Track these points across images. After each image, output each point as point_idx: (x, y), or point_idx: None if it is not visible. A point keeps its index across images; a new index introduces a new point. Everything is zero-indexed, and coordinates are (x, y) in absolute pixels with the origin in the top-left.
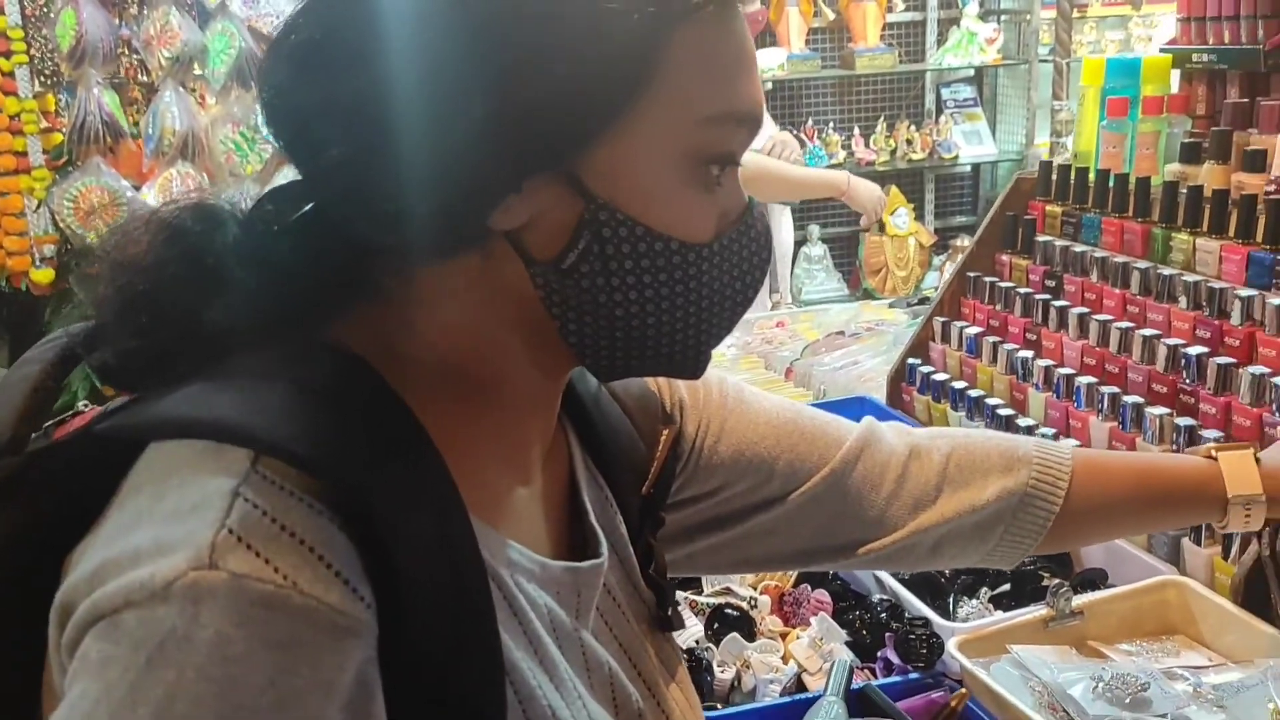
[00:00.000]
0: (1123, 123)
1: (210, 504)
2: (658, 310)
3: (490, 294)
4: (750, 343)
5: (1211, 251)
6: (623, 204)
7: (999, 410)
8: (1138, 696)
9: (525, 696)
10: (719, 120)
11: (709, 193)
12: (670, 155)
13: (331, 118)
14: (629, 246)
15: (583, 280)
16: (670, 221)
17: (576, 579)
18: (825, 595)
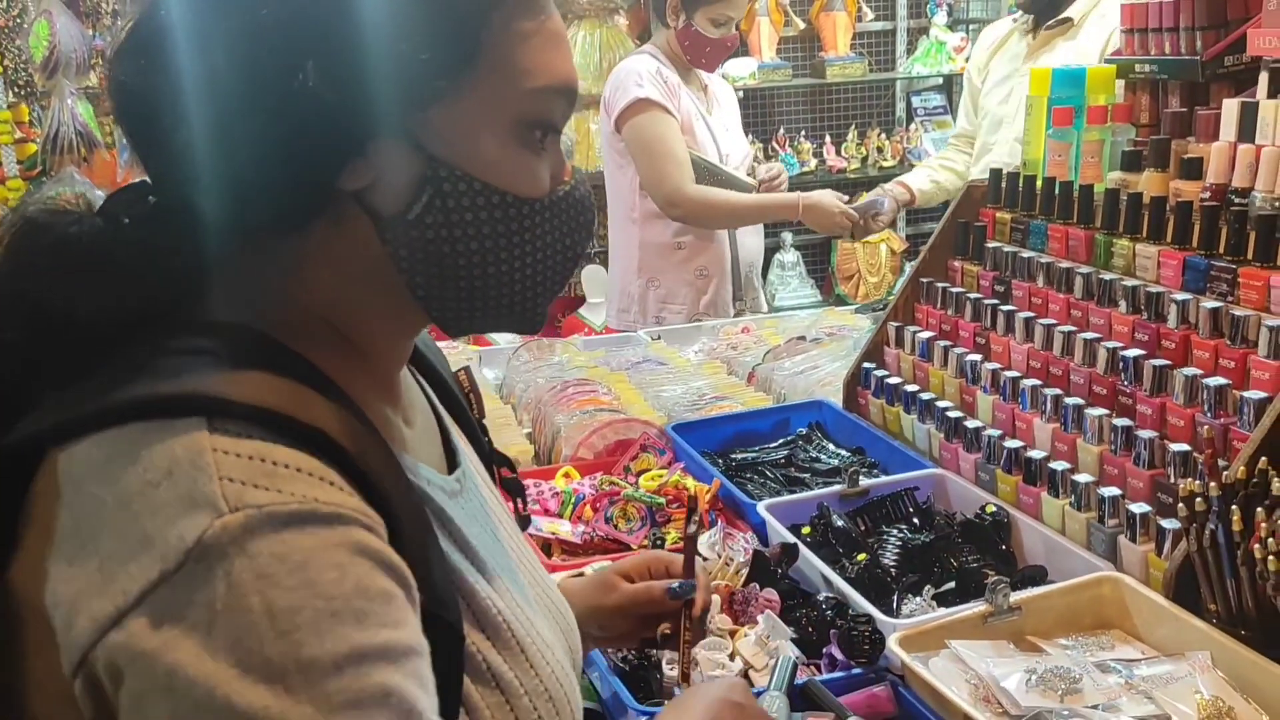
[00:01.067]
0: (1068, 132)
1: (190, 467)
2: (496, 260)
3: (347, 255)
4: (715, 348)
5: (1150, 257)
6: (460, 162)
7: (949, 413)
8: (1070, 688)
9: (468, 594)
10: (540, 92)
11: (536, 155)
12: (500, 120)
13: (174, 106)
14: (468, 200)
15: (427, 232)
16: (504, 178)
17: (463, 487)
18: (774, 594)
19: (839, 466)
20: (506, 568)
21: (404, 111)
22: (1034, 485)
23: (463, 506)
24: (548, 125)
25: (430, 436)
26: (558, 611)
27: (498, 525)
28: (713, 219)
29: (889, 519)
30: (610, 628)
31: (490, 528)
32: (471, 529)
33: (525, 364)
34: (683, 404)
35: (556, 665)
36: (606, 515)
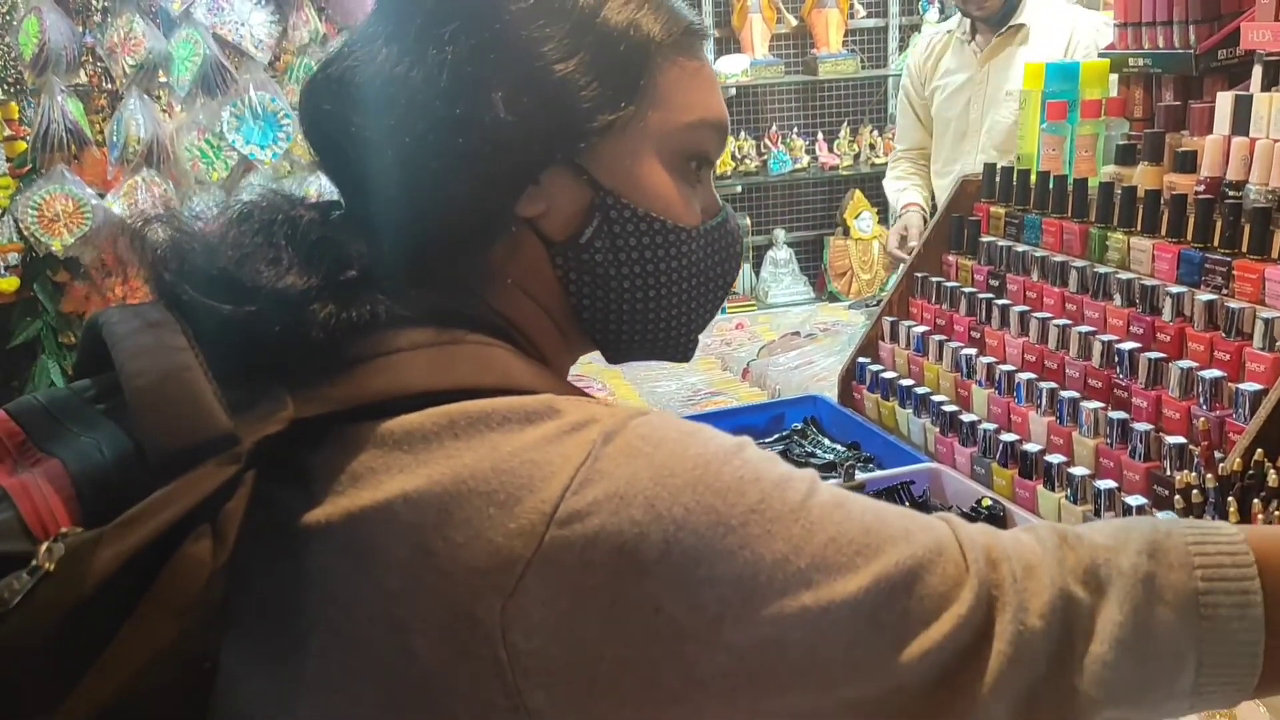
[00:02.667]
0: (1062, 126)
1: (550, 409)
2: (656, 285)
3: (522, 276)
4: (709, 344)
5: (1145, 250)
6: (624, 192)
7: (944, 407)
8: None
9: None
10: (696, 126)
11: (691, 187)
12: (660, 152)
13: (369, 134)
14: (632, 227)
15: (596, 255)
16: (663, 207)
17: None
18: None
19: (834, 461)
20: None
21: (575, 143)
22: (1030, 479)
23: None
24: (702, 158)
25: None
26: None
27: None
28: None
29: None
30: None
31: None
32: None
33: None
34: (678, 400)
35: None
36: None
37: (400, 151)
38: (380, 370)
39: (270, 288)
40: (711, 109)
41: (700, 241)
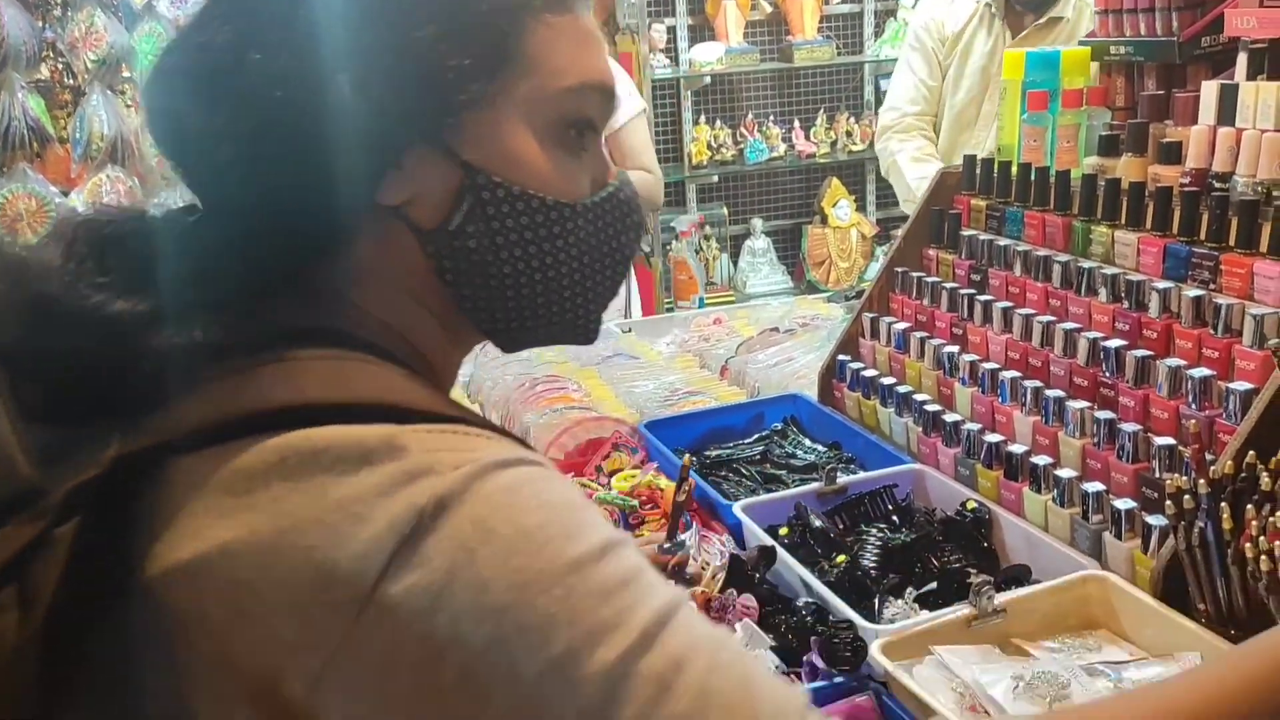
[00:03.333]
0: (1043, 116)
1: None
2: (542, 267)
3: (396, 271)
4: (686, 340)
5: (1129, 244)
6: (497, 168)
7: (926, 406)
8: (1059, 694)
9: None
10: (574, 91)
11: (575, 157)
12: (535, 123)
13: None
14: (508, 206)
15: (469, 241)
16: (542, 183)
17: None
18: (752, 600)
19: (815, 463)
20: None
21: (436, 120)
22: (1015, 480)
23: None
24: (584, 125)
25: None
26: None
27: None
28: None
29: (868, 517)
30: None
31: None
32: None
33: (493, 360)
34: (655, 400)
35: None
36: None
37: (240, 146)
38: (213, 394)
39: (97, 316)
40: (590, 70)
41: (588, 216)
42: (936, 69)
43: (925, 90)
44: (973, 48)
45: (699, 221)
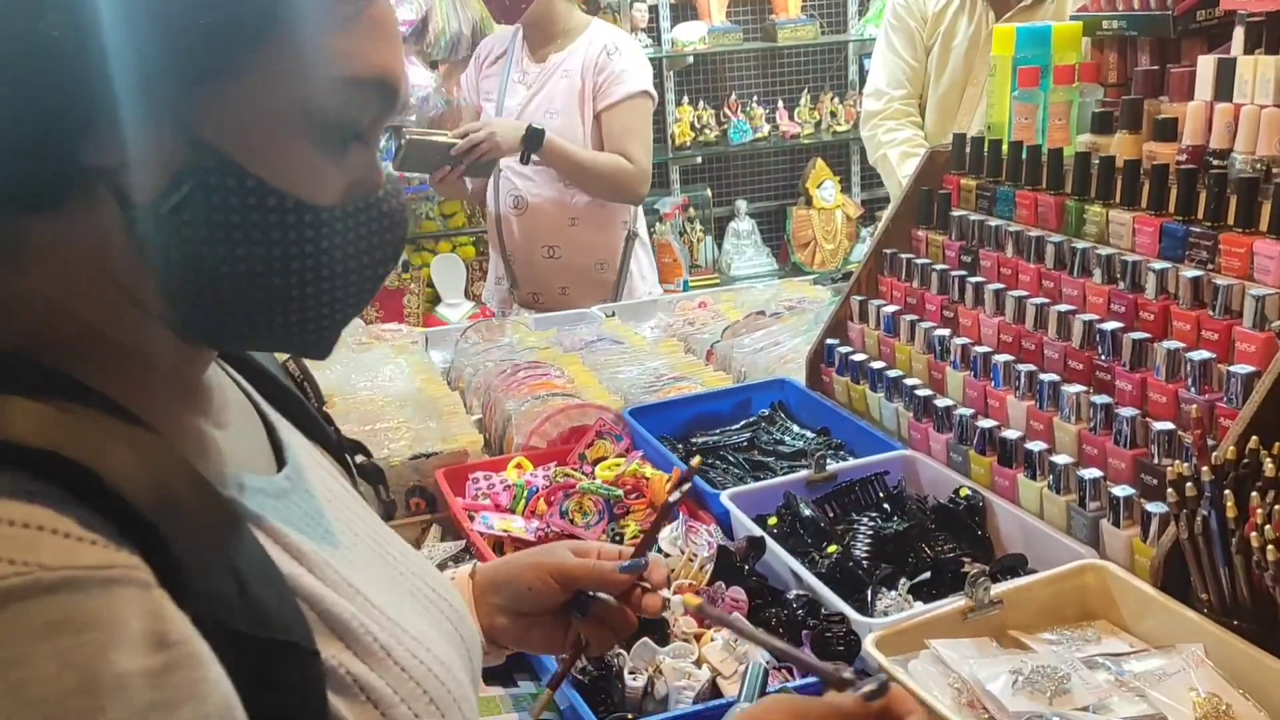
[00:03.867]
0: (1034, 93)
1: None
2: (267, 271)
3: (98, 247)
4: (672, 324)
5: (1125, 223)
6: (235, 152)
7: (917, 391)
8: (1059, 689)
9: (313, 600)
10: (348, 83)
11: (335, 156)
12: (293, 110)
13: None
14: (237, 199)
15: (183, 229)
16: (287, 178)
17: (294, 485)
18: (741, 593)
19: (804, 449)
20: (359, 563)
21: (169, 82)
22: (1009, 467)
23: (295, 506)
24: (353, 124)
25: (250, 436)
26: (440, 601)
27: (353, 518)
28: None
29: (858, 505)
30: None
31: (332, 524)
32: (307, 529)
33: (474, 346)
34: (639, 386)
35: (435, 662)
36: (561, 509)
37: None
38: None
39: None
40: (371, 63)
41: (335, 226)
42: (920, 48)
43: (909, 70)
44: (955, 30)
45: (683, 204)
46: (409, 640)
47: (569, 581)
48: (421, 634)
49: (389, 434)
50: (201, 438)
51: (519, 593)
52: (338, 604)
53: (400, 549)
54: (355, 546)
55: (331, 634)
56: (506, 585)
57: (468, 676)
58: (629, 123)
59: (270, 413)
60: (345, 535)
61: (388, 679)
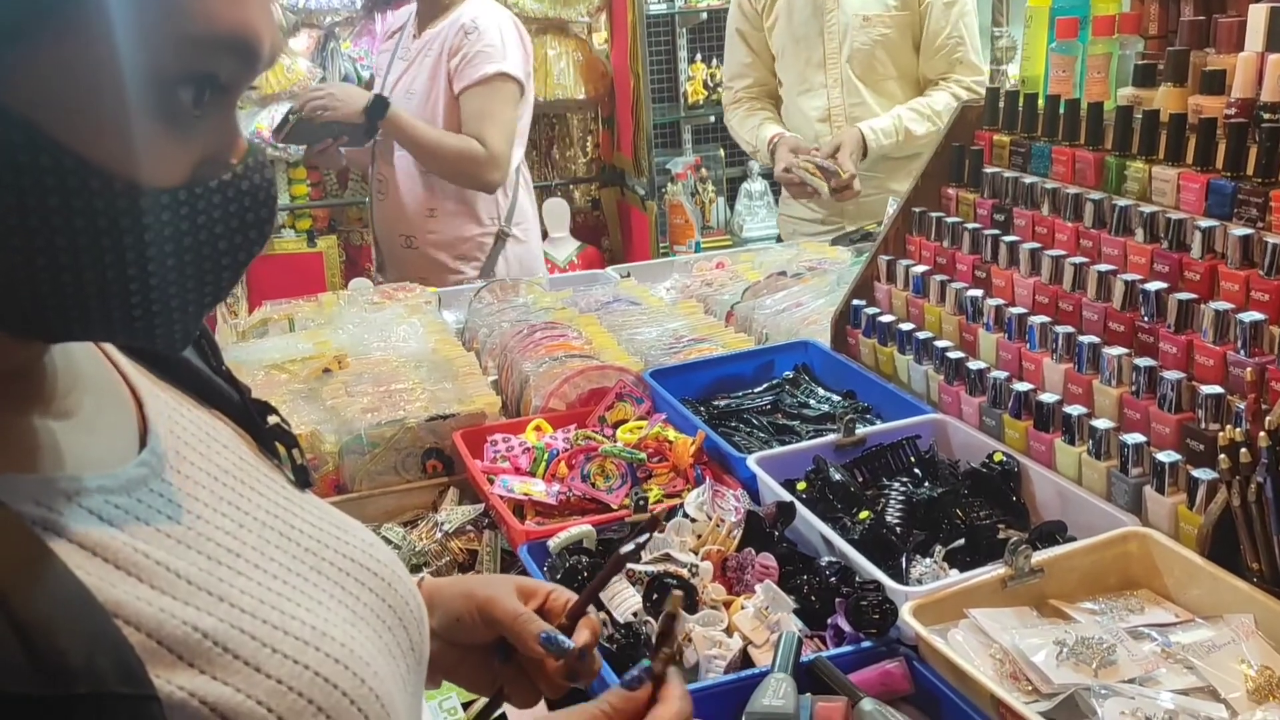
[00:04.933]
0: (1073, 44)
1: None
2: (99, 264)
3: None
4: (689, 285)
5: (1169, 180)
6: (51, 125)
7: (948, 353)
8: (1104, 661)
9: (151, 627)
10: (199, 42)
11: (180, 128)
12: (121, 77)
13: None
14: (54, 179)
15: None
16: (118, 155)
17: (155, 469)
18: (771, 560)
19: (830, 412)
20: (244, 549)
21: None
22: (1046, 431)
23: (150, 497)
24: (201, 89)
25: (109, 420)
26: (360, 571)
27: (245, 494)
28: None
29: (889, 470)
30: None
31: (206, 510)
32: (163, 524)
33: (488, 306)
34: (659, 347)
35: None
36: (583, 473)
37: None
38: None
39: None
40: (224, 17)
41: (180, 210)
42: (748, 46)
43: (749, 67)
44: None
45: (695, 164)
46: (291, 642)
47: (492, 623)
48: (318, 624)
49: (405, 395)
50: (26, 438)
51: (448, 619)
52: (187, 623)
53: (314, 520)
54: (240, 529)
55: (179, 660)
56: (440, 608)
57: (399, 653)
58: (484, 106)
59: (143, 386)
60: (226, 519)
61: (258, 694)
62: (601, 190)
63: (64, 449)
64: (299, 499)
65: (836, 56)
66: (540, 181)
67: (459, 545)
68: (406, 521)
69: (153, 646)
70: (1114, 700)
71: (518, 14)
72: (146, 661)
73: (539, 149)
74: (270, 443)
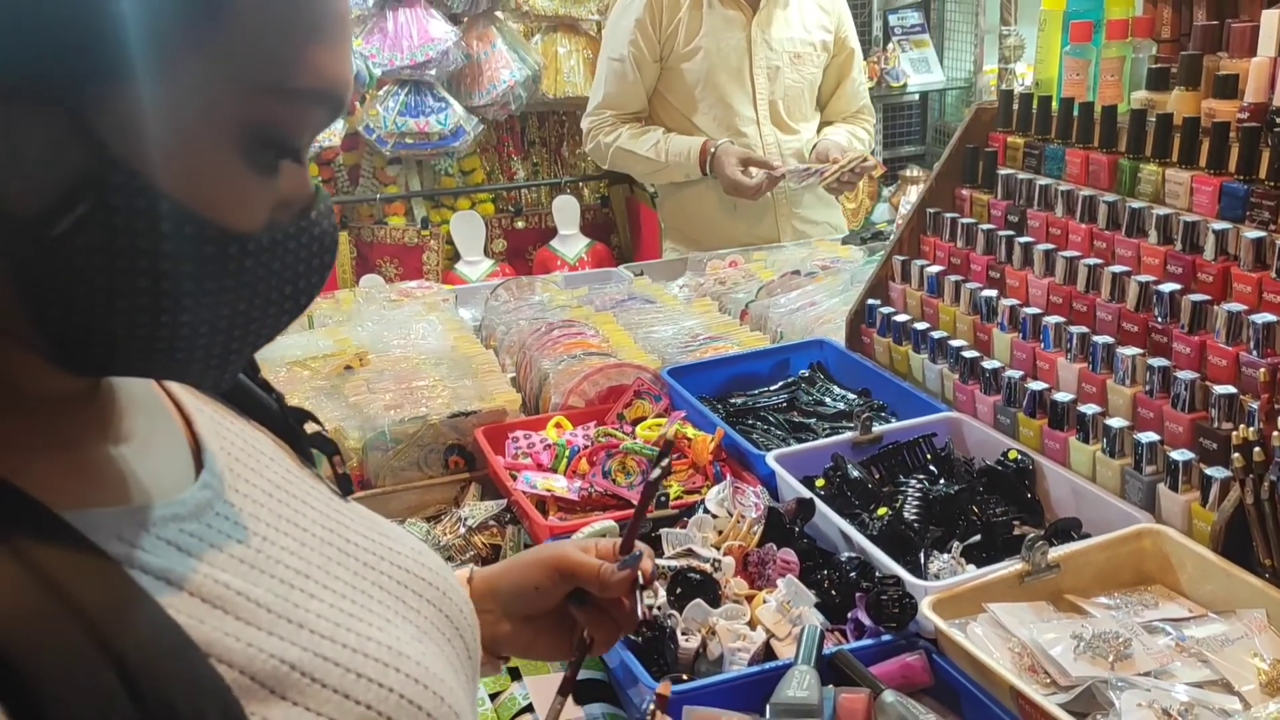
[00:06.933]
0: (1086, 48)
1: None
2: (176, 307)
3: None
4: (703, 284)
5: (1182, 183)
6: (147, 169)
7: (963, 352)
8: (1120, 654)
9: (242, 663)
10: (286, 93)
11: (264, 175)
12: (219, 120)
13: None
14: (145, 222)
15: (75, 257)
16: (209, 201)
17: (215, 490)
18: (791, 555)
19: (846, 410)
20: (309, 567)
21: (70, 74)
22: (1061, 430)
23: (217, 521)
24: (285, 141)
25: (162, 440)
26: (416, 582)
27: (300, 509)
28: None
29: (905, 467)
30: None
31: (269, 529)
32: (232, 548)
33: (504, 304)
34: (675, 345)
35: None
36: (604, 469)
37: None
38: None
39: None
40: (326, 72)
41: (263, 256)
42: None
43: (632, 98)
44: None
45: None
46: (372, 665)
47: (571, 575)
48: (392, 642)
49: (426, 392)
50: (97, 468)
51: (524, 594)
52: (274, 655)
53: (364, 530)
54: (303, 548)
55: (271, 694)
56: (509, 588)
57: (460, 663)
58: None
59: (187, 400)
60: (288, 538)
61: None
62: (610, 187)
63: (129, 476)
64: (346, 509)
65: (766, 92)
66: (550, 179)
67: (482, 540)
68: (429, 516)
69: (245, 683)
70: (1131, 692)
71: (528, 11)
72: (241, 698)
73: (549, 146)
74: (309, 452)
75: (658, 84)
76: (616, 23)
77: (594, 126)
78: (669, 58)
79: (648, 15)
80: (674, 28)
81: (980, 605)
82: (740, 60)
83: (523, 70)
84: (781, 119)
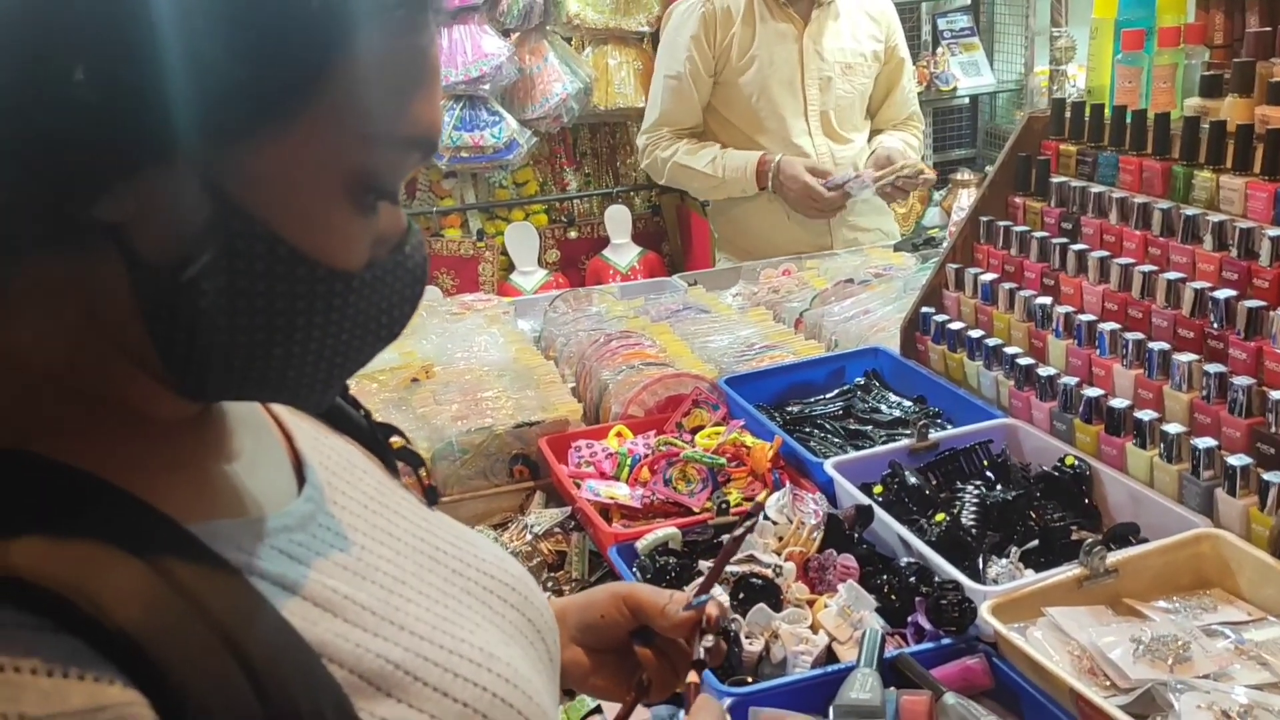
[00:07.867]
0: (1138, 56)
1: None
2: (288, 340)
3: (84, 299)
4: (757, 293)
5: (1236, 189)
6: (265, 217)
7: (1019, 359)
8: (1179, 657)
9: (352, 663)
10: (390, 141)
11: (365, 216)
12: (329, 170)
13: None
14: (264, 265)
15: (202, 300)
16: (319, 244)
17: (316, 503)
18: (851, 560)
19: (901, 418)
20: (405, 575)
21: (202, 140)
22: (1117, 436)
23: (322, 532)
24: (387, 184)
25: (267, 455)
26: (501, 588)
27: (393, 520)
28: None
29: (962, 474)
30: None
31: (368, 539)
32: (337, 557)
33: (562, 315)
34: (731, 354)
35: (498, 681)
36: (665, 477)
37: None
38: None
39: None
40: (420, 120)
41: (365, 291)
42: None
43: (688, 114)
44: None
45: None
46: (468, 665)
47: (637, 608)
48: (484, 644)
49: (490, 403)
50: (214, 483)
51: (590, 622)
52: (380, 655)
53: (451, 538)
54: (398, 556)
55: (378, 691)
56: (577, 615)
57: (543, 666)
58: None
59: (286, 417)
60: (384, 546)
61: (449, 719)
62: (661, 196)
63: (242, 490)
64: (433, 518)
65: (817, 103)
66: (602, 189)
67: (548, 547)
68: (497, 524)
69: (355, 681)
70: (1190, 695)
71: (578, 25)
72: (351, 696)
73: (600, 157)
74: (394, 464)
75: (711, 98)
76: (672, 40)
77: (650, 143)
78: (723, 72)
79: (703, 31)
80: (728, 42)
81: (1039, 610)
82: (792, 72)
83: (574, 83)
84: (833, 129)
